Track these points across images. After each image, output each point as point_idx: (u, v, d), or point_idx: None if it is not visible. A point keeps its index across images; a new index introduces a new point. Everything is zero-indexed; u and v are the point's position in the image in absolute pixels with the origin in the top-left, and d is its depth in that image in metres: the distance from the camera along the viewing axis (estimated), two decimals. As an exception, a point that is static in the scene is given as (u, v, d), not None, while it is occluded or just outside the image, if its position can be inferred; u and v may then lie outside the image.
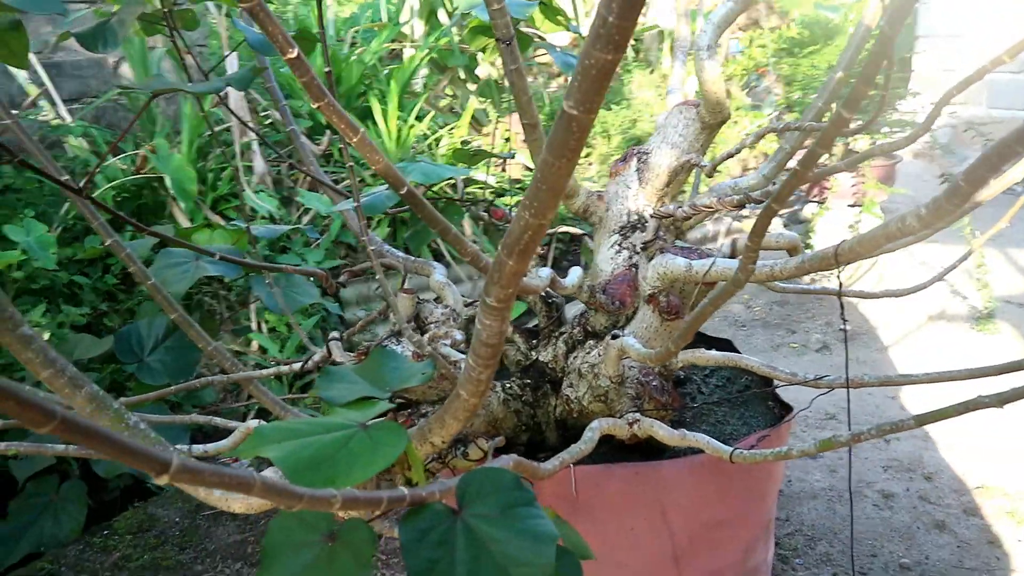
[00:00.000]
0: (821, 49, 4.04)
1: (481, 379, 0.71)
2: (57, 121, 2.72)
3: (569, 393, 1.28)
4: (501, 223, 1.61)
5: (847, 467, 2.08)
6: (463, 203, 1.37)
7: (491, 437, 1.12)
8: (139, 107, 2.81)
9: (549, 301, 1.41)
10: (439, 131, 3.28)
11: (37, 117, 2.71)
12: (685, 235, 1.46)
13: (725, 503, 1.28)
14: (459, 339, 1.07)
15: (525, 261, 0.60)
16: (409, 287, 1.22)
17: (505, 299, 0.64)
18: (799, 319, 3.21)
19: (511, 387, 1.28)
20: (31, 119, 2.69)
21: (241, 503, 0.85)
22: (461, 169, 1.24)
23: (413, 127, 3.09)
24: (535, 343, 1.40)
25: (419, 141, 3.21)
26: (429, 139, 3.23)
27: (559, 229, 1.71)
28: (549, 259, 3.35)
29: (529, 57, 3.35)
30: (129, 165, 2.57)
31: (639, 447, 1.26)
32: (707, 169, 1.27)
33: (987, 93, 5.49)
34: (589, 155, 3.94)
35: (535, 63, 3.97)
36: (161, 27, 1.16)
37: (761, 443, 1.22)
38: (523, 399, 1.28)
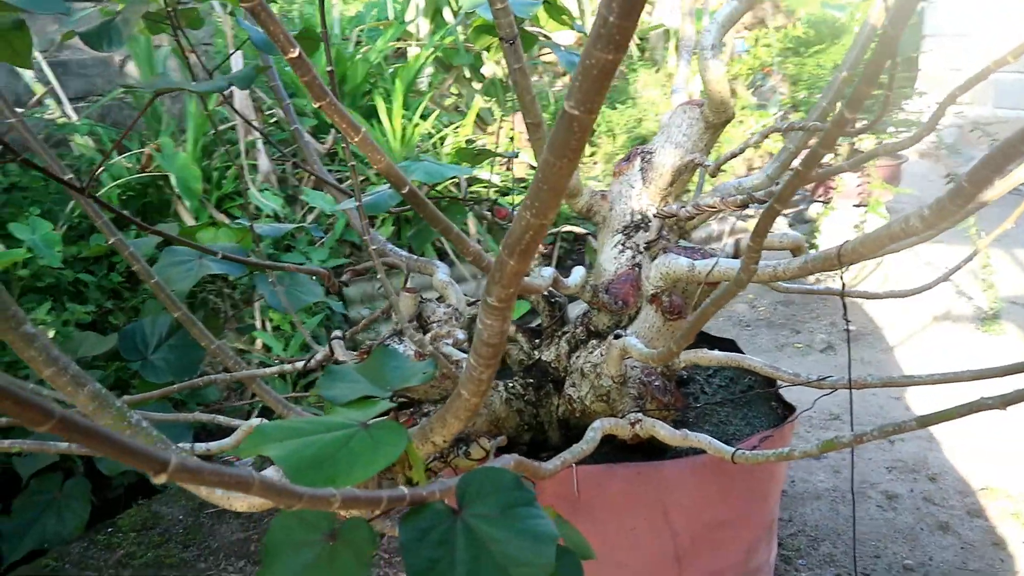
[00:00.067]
0: (827, 48, 4.03)
1: (482, 379, 0.71)
2: (63, 119, 2.73)
3: (571, 393, 1.28)
4: (504, 222, 1.61)
5: (851, 468, 2.07)
6: (466, 202, 1.37)
7: (493, 436, 1.12)
8: (145, 106, 2.82)
9: (552, 300, 1.40)
10: (444, 130, 3.28)
11: (43, 115, 2.72)
12: (690, 235, 1.46)
13: (727, 503, 1.28)
14: (461, 338, 1.07)
15: (526, 261, 0.60)
16: (412, 286, 1.22)
17: (506, 299, 0.64)
18: (804, 319, 3.20)
19: (514, 386, 1.28)
20: (37, 117, 2.70)
21: (243, 502, 0.85)
22: (464, 168, 1.24)
23: (418, 126, 3.10)
24: (538, 342, 1.40)
25: (424, 140, 3.21)
26: (434, 138, 3.24)
27: (563, 228, 1.71)
28: (554, 258, 3.34)
29: (534, 56, 3.35)
30: (134, 163, 2.58)
31: (641, 447, 1.26)
32: (711, 169, 1.27)
33: (993, 93, 5.47)
34: (594, 154, 3.93)
35: (540, 62, 3.96)
36: (165, 26, 1.16)
37: (763, 444, 1.22)
38: (526, 398, 1.28)
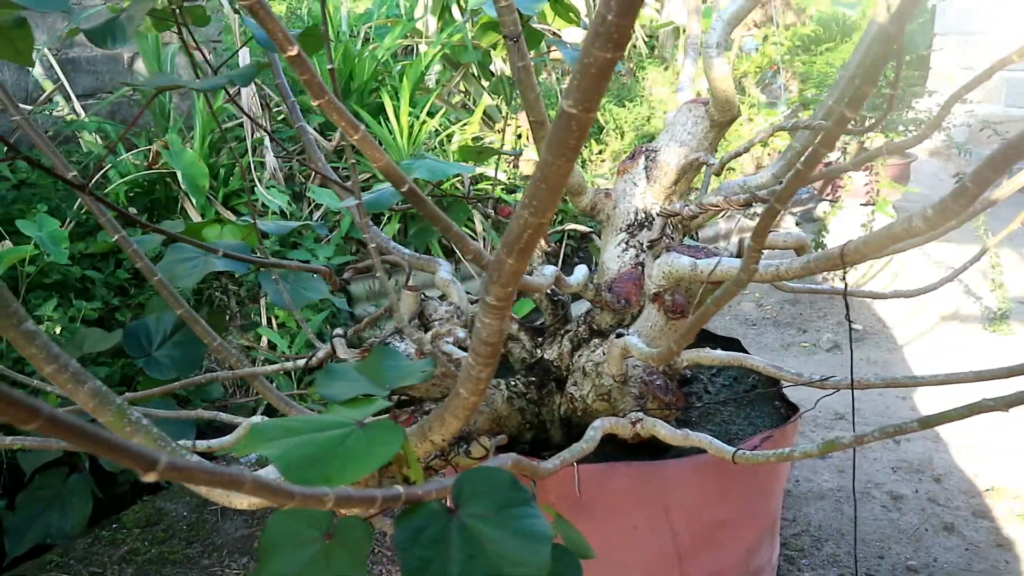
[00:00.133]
0: (837, 46, 4.02)
1: (481, 377, 0.71)
2: (72, 116, 2.74)
3: (573, 391, 1.28)
4: (508, 220, 1.61)
5: (856, 468, 2.06)
6: (470, 200, 1.37)
7: (494, 435, 1.12)
8: (155, 103, 2.83)
9: (555, 299, 1.40)
10: (451, 127, 3.28)
11: (52, 112, 2.73)
12: (696, 233, 1.45)
13: (728, 503, 1.27)
14: (462, 336, 1.07)
15: (525, 260, 0.60)
16: (415, 284, 1.22)
17: (505, 298, 0.64)
18: (810, 318, 3.19)
19: (516, 385, 1.28)
20: (46, 115, 2.71)
21: (244, 500, 0.85)
22: (467, 166, 1.24)
23: (425, 123, 3.10)
24: (541, 341, 1.40)
25: (431, 137, 3.21)
26: (441, 135, 3.24)
27: (568, 226, 1.71)
28: (560, 256, 3.34)
29: (542, 53, 3.34)
30: (142, 160, 2.59)
31: (644, 446, 1.26)
32: (714, 168, 1.27)
33: (1005, 91, 5.43)
34: (602, 152, 3.93)
35: (548, 59, 3.96)
36: (172, 23, 1.16)
37: (765, 443, 1.21)
38: (528, 397, 1.28)
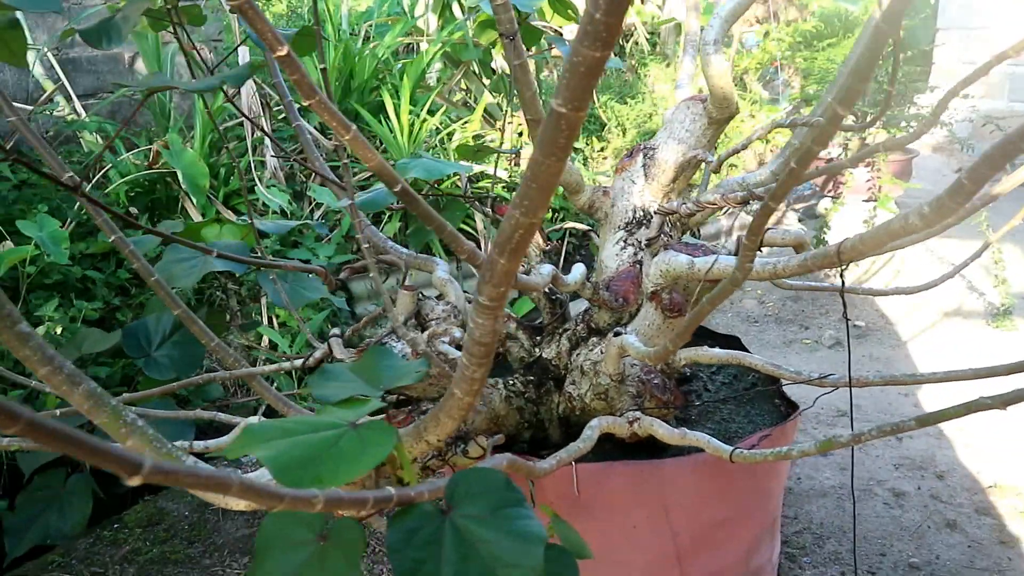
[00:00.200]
0: (839, 42, 4.00)
1: (475, 378, 0.71)
2: (72, 116, 2.74)
3: (571, 390, 1.27)
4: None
5: (858, 465, 2.06)
6: (468, 199, 1.37)
7: (492, 434, 1.12)
8: (155, 102, 2.83)
9: (553, 298, 1.40)
10: (451, 125, 3.27)
11: (52, 112, 2.73)
12: (698, 231, 1.45)
13: (728, 502, 1.27)
14: (459, 336, 1.07)
15: (517, 259, 0.59)
16: (411, 283, 1.21)
17: (498, 297, 0.63)
18: (812, 315, 3.18)
19: (514, 384, 1.28)
20: (46, 115, 2.71)
21: (240, 501, 0.85)
22: (464, 165, 1.24)
23: (425, 121, 3.09)
24: (539, 340, 1.40)
25: (431, 135, 3.21)
26: (441, 133, 3.23)
27: (566, 225, 1.71)
28: (562, 254, 3.34)
29: (543, 50, 3.34)
30: (143, 160, 2.59)
31: (643, 445, 1.25)
32: (713, 165, 1.26)
33: (1008, 87, 5.41)
34: (603, 149, 3.92)
35: (548, 56, 3.95)
36: (166, 22, 1.16)
37: (764, 442, 1.21)
38: (526, 396, 1.28)
